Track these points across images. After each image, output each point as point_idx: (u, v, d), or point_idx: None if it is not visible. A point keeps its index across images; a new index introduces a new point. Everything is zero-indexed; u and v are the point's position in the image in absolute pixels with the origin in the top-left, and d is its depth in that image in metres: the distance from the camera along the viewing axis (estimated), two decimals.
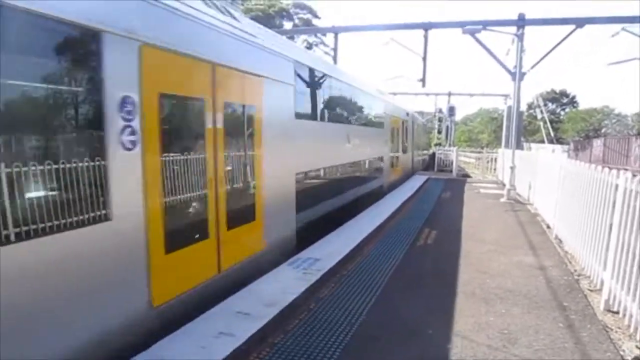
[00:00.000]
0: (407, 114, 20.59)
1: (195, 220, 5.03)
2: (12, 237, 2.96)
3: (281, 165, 7.14)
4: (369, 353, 4.14)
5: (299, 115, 7.85)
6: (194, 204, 4.95)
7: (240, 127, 5.97)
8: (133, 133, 3.95)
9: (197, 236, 5.00)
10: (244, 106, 6.02)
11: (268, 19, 33.93)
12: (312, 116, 9.03)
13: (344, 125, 11.21)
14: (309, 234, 8.06)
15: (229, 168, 5.58)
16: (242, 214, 5.96)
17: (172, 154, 4.53)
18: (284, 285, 5.72)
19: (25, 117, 3.23)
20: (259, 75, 6.25)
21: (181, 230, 4.76)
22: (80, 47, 3.60)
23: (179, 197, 4.65)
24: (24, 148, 3.16)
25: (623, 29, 17.16)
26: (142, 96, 4.04)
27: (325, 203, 9.61)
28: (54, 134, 3.39)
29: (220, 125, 5.35)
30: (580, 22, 15.84)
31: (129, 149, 3.92)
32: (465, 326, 4.74)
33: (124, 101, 3.85)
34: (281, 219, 7.19)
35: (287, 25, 39.65)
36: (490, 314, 5.10)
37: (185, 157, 4.78)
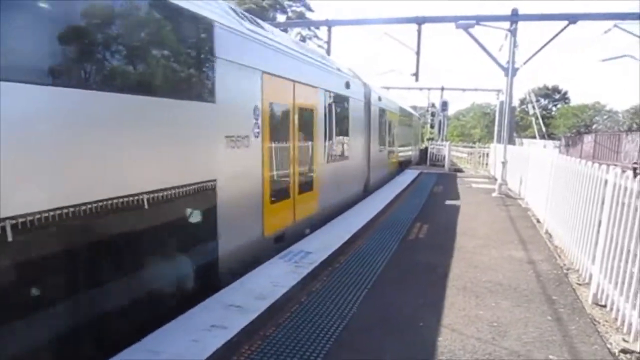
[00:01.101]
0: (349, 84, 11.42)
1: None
2: None
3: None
4: (360, 345, 4.17)
5: None
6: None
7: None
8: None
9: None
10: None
11: (262, 11, 33.73)
12: None
13: None
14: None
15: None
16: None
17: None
18: (275, 278, 5.74)
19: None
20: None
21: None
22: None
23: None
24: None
25: (615, 25, 17.23)
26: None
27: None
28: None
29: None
30: (572, 18, 15.87)
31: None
32: (456, 319, 4.79)
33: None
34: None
35: (281, 18, 39.47)
36: (480, 307, 5.15)
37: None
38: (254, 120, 6.26)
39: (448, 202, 12.89)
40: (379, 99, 15.39)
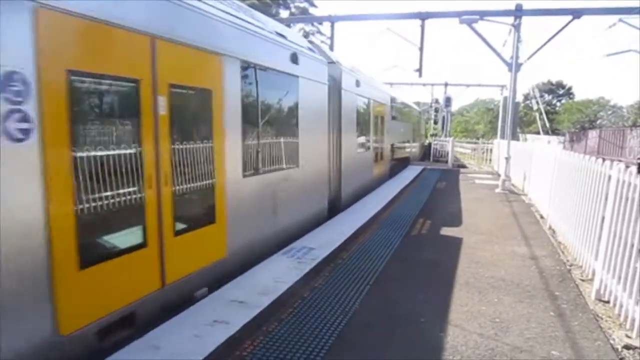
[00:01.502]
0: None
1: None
2: None
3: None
4: (363, 340, 4.18)
5: None
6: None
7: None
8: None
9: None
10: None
11: (265, 7, 33.60)
12: None
13: None
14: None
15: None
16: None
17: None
18: (278, 274, 5.76)
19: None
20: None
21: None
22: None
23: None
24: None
25: (620, 20, 17.14)
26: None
27: None
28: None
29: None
30: (577, 13, 15.79)
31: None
32: (458, 315, 4.79)
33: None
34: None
35: (284, 13, 39.31)
36: (482, 303, 5.14)
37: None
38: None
39: (451, 198, 12.85)
40: (357, 84, 11.59)
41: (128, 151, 4.16)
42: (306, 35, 38.66)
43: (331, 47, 20.92)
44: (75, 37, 3.58)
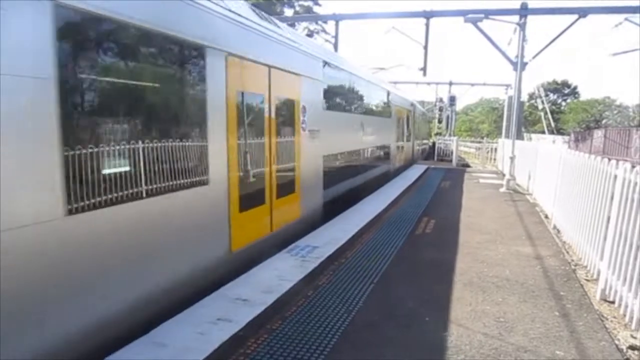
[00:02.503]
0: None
1: None
2: None
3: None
4: (367, 339, 4.18)
5: None
6: None
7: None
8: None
9: None
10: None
11: (269, 5, 33.60)
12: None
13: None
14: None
15: None
16: None
17: None
18: (282, 272, 5.76)
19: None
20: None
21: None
22: None
23: None
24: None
25: (626, 19, 17.02)
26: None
27: None
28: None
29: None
30: (583, 12, 15.70)
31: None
32: (462, 314, 4.78)
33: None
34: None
35: (288, 12, 39.32)
36: (487, 302, 5.13)
37: None
38: None
39: (456, 197, 12.82)
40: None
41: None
42: (310, 34, 38.66)
43: (335, 46, 20.90)
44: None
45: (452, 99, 39.50)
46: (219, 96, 5.29)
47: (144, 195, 4.12)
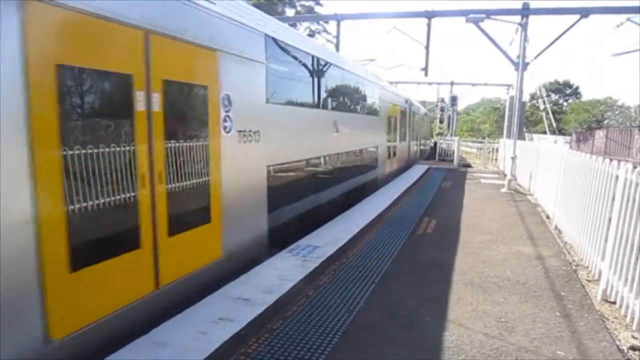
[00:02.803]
0: None
1: None
2: None
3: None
4: (367, 339, 4.18)
5: None
6: None
7: None
8: None
9: None
10: None
11: (270, 5, 33.62)
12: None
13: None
14: None
15: None
16: None
17: None
18: (283, 272, 5.76)
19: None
20: None
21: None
22: None
23: None
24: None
25: (628, 19, 16.97)
26: None
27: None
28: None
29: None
30: (585, 12, 15.64)
31: None
32: (463, 314, 4.78)
33: None
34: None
35: (289, 12, 39.32)
36: (488, 302, 5.13)
37: None
38: None
39: (457, 197, 12.82)
40: None
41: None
42: (312, 34, 38.66)
43: (337, 46, 20.88)
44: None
45: (454, 99, 39.42)
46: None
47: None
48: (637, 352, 4.16)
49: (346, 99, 11.54)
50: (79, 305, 3.61)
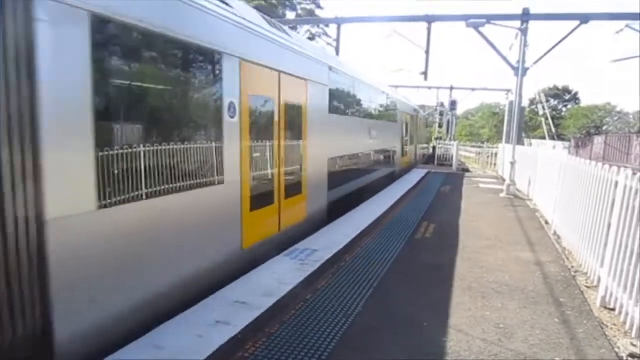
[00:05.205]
0: None
1: None
2: None
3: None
4: (365, 344, 4.16)
5: None
6: None
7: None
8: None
9: None
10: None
11: (271, 8, 33.67)
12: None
13: None
14: None
15: None
16: None
17: None
18: (281, 275, 5.74)
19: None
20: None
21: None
22: None
23: None
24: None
25: (627, 26, 17.03)
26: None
27: None
28: None
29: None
30: (584, 18, 15.69)
31: None
32: (461, 320, 4.75)
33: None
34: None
35: (290, 15, 39.39)
36: (486, 308, 5.11)
37: None
38: None
39: (455, 202, 12.81)
40: None
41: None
42: (312, 37, 38.73)
43: (337, 50, 20.92)
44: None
45: (453, 104, 39.50)
46: None
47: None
48: None
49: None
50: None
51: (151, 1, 4.21)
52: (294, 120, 7.64)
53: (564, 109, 65.15)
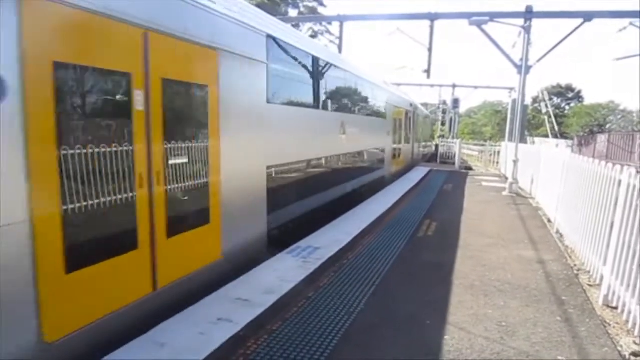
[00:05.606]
0: None
1: None
2: None
3: None
4: (367, 341, 4.16)
5: None
6: None
7: None
8: None
9: None
10: None
11: (273, 6, 33.62)
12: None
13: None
14: None
15: None
16: None
17: None
18: (283, 273, 5.74)
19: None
20: None
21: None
22: None
23: None
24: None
25: (631, 23, 16.96)
26: None
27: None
28: None
29: None
30: (588, 16, 15.63)
31: None
32: (464, 318, 4.75)
33: None
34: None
35: (293, 13, 39.32)
36: (488, 306, 5.10)
37: None
38: None
39: (458, 200, 12.79)
40: None
41: None
42: (315, 35, 38.65)
43: (339, 48, 20.89)
44: None
45: (456, 102, 39.42)
46: None
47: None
48: (639, 359, 4.13)
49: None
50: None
51: None
52: (187, 110, 5.04)
53: (567, 107, 64.94)
